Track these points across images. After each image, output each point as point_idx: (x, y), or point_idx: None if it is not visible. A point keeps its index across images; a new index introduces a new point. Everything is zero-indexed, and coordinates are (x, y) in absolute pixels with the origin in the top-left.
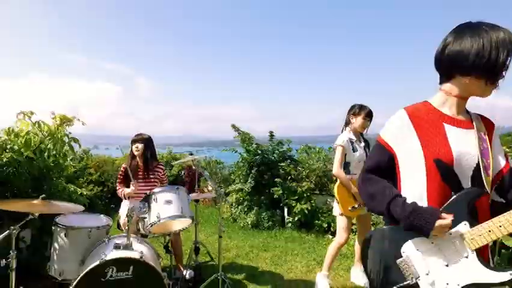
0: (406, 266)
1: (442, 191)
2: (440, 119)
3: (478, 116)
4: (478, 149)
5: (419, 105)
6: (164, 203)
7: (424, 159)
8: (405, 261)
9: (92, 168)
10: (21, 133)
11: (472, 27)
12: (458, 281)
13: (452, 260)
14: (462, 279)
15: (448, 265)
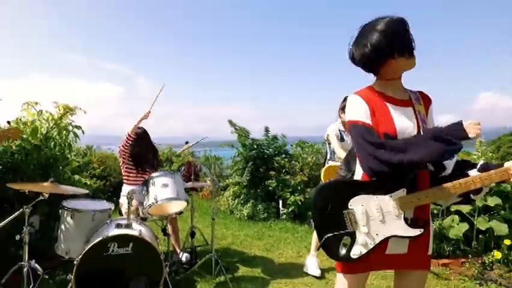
0: (351, 216)
1: None
2: (383, 100)
3: (417, 93)
4: (416, 125)
5: (366, 90)
6: (161, 187)
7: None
8: (351, 213)
9: (95, 163)
10: (28, 122)
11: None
12: (385, 233)
13: (386, 217)
14: (388, 232)
15: (382, 220)
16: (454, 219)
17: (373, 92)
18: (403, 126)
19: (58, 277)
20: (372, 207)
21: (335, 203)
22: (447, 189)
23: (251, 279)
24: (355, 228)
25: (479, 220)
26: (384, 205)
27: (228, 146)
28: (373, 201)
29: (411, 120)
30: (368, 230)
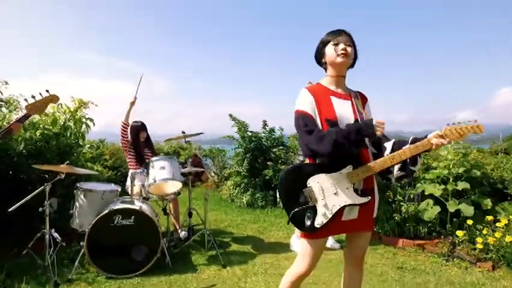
0: (310, 193)
1: None
2: (327, 93)
3: (357, 93)
4: (354, 114)
5: (314, 86)
6: (159, 169)
7: (320, 119)
8: (310, 190)
9: (107, 155)
10: (49, 114)
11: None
12: (340, 203)
13: (339, 190)
14: (342, 202)
15: (336, 193)
16: (428, 203)
17: (320, 87)
18: (342, 114)
19: (74, 247)
20: (326, 183)
21: (296, 183)
22: (384, 160)
23: (240, 253)
24: (315, 203)
25: (450, 203)
26: (337, 180)
27: (230, 138)
28: (327, 179)
29: (349, 110)
30: (325, 202)
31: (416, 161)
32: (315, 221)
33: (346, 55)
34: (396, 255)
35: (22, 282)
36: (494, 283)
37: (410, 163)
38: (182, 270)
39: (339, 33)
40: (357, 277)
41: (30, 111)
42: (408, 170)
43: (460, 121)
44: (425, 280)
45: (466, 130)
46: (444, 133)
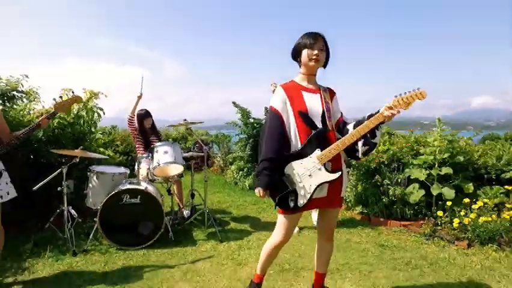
0: (289, 179)
1: (305, 130)
2: (299, 89)
3: (326, 88)
4: (322, 105)
5: (289, 83)
6: (163, 153)
7: (293, 112)
8: (287, 176)
9: (118, 140)
10: None
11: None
12: (316, 183)
13: (312, 172)
14: (317, 181)
15: (310, 175)
16: (414, 187)
17: (293, 84)
18: (311, 105)
19: (88, 223)
20: (300, 168)
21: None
22: (346, 139)
23: (237, 231)
24: (295, 187)
25: (433, 187)
26: (308, 164)
27: (233, 124)
28: (300, 164)
29: (318, 102)
30: (303, 185)
31: (375, 134)
32: (298, 202)
33: (318, 60)
34: (381, 234)
35: (46, 251)
36: (464, 258)
37: (370, 137)
38: (183, 244)
39: (315, 38)
40: (328, 248)
41: (57, 110)
42: (370, 143)
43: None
44: (401, 256)
45: (411, 98)
46: (393, 104)
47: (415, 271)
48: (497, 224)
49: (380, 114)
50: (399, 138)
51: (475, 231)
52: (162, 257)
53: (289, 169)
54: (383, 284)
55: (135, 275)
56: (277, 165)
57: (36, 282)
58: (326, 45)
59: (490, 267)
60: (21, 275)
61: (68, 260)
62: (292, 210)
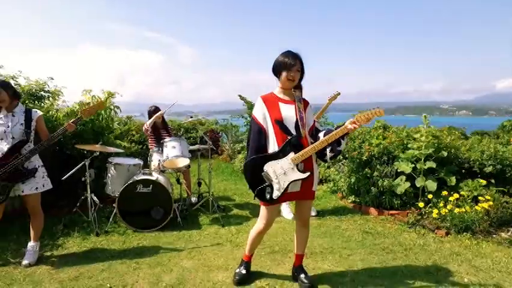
0: (266, 175)
1: (281, 135)
2: (277, 100)
3: (301, 98)
4: (296, 114)
5: (268, 95)
6: (171, 148)
7: (271, 120)
8: (266, 174)
9: (133, 130)
10: (86, 103)
11: (284, 53)
12: (289, 179)
13: (287, 170)
14: (290, 179)
15: (284, 173)
16: (401, 179)
17: (272, 95)
18: (286, 114)
19: (108, 208)
20: (277, 167)
21: (256, 169)
22: (316, 145)
23: (238, 216)
24: (271, 182)
25: (418, 180)
26: (284, 164)
27: (239, 116)
28: (277, 164)
29: (292, 112)
30: (278, 181)
31: (340, 143)
32: (273, 195)
33: (293, 81)
34: (368, 222)
35: (75, 231)
36: (438, 245)
37: (337, 145)
38: (190, 227)
39: (294, 59)
40: (304, 233)
41: (83, 115)
42: (336, 150)
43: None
44: (381, 242)
45: (371, 115)
46: (356, 119)
47: (389, 255)
48: (471, 214)
49: (345, 127)
50: (391, 132)
51: (452, 221)
52: (171, 239)
53: (268, 167)
54: (358, 265)
55: (148, 253)
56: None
57: (68, 257)
58: (302, 66)
59: (457, 252)
60: (56, 251)
61: (92, 239)
62: (269, 203)
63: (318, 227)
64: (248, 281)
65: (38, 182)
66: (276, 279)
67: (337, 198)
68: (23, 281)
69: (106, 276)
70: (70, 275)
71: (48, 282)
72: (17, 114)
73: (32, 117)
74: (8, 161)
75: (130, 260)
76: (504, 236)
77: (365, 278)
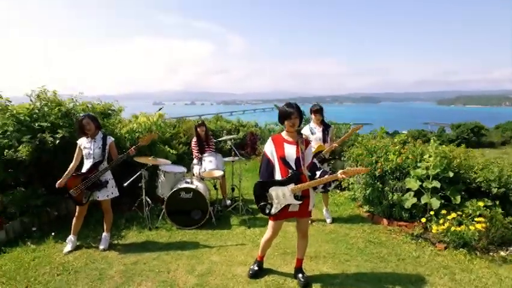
0: (270, 196)
1: (284, 169)
2: (282, 141)
3: (302, 139)
4: (296, 153)
5: (277, 135)
6: (208, 162)
7: (276, 156)
8: (270, 194)
9: (181, 133)
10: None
11: (285, 105)
12: (286, 202)
13: (286, 195)
14: (287, 202)
15: (284, 197)
16: (410, 194)
17: (279, 136)
18: (289, 153)
19: (158, 208)
20: (279, 191)
21: (263, 190)
22: (311, 183)
23: (263, 219)
24: (272, 201)
25: (423, 197)
26: (285, 191)
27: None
28: (280, 189)
29: (294, 150)
30: (278, 201)
31: (331, 184)
32: (272, 211)
33: (294, 127)
34: (375, 231)
35: (133, 226)
36: (432, 257)
37: (328, 185)
38: (222, 227)
39: (292, 110)
40: (303, 242)
41: (141, 143)
42: (326, 188)
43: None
44: (379, 251)
45: (357, 171)
46: (346, 171)
47: (382, 264)
48: (468, 232)
49: (336, 175)
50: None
51: (451, 237)
52: (206, 236)
53: (272, 190)
54: (351, 270)
55: (187, 247)
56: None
57: (129, 246)
58: (300, 114)
59: (446, 266)
60: (120, 240)
61: (146, 233)
62: (272, 217)
63: (329, 233)
64: (259, 275)
65: (109, 191)
66: (282, 276)
67: (355, 206)
68: (100, 260)
69: (156, 264)
70: (131, 260)
71: (117, 264)
72: (97, 140)
73: (106, 143)
74: (90, 175)
75: (174, 252)
76: (502, 254)
77: (352, 281)
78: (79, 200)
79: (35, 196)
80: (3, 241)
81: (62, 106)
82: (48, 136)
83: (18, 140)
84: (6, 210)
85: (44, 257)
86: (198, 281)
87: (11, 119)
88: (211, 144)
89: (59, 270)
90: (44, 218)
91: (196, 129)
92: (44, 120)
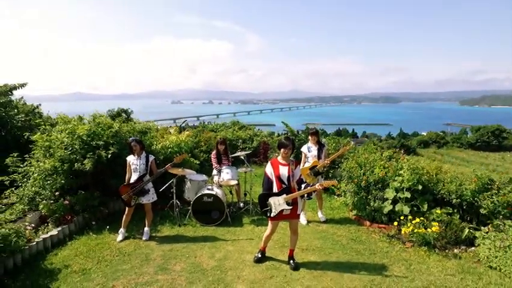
0: (269, 204)
1: (279, 184)
2: (278, 164)
3: (294, 161)
4: (288, 172)
5: (274, 160)
6: (226, 173)
7: (274, 175)
8: (269, 202)
9: (202, 142)
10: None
11: (283, 137)
12: (280, 208)
13: (280, 203)
14: (281, 208)
15: (279, 204)
16: (388, 202)
17: (276, 160)
18: (282, 173)
19: (185, 208)
20: (275, 200)
21: (265, 199)
22: (299, 193)
23: None
24: (271, 207)
25: (397, 205)
26: (279, 200)
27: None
28: (276, 199)
29: (286, 171)
30: (275, 208)
31: (311, 194)
32: (271, 214)
33: (287, 155)
34: (358, 232)
35: (166, 222)
36: (398, 253)
37: (311, 194)
38: (236, 225)
39: (287, 142)
40: (294, 237)
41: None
42: (308, 196)
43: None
44: (357, 247)
45: (330, 183)
46: (322, 183)
47: (357, 256)
48: (427, 234)
49: (314, 187)
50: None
51: (415, 237)
52: (223, 232)
53: (271, 200)
54: (332, 259)
55: (208, 240)
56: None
57: (164, 238)
58: (293, 147)
59: (407, 259)
60: (157, 233)
61: (176, 228)
62: (270, 219)
63: (320, 232)
64: (262, 261)
65: (150, 196)
66: (278, 262)
67: (346, 210)
68: (145, 247)
69: (185, 251)
70: (167, 248)
71: (157, 250)
72: (142, 158)
73: (148, 160)
74: (137, 185)
75: (198, 243)
76: (455, 251)
77: (331, 267)
78: (129, 203)
79: (92, 198)
80: (73, 231)
81: (113, 128)
82: (103, 152)
83: (83, 156)
84: (73, 208)
85: (104, 243)
86: (217, 264)
87: (78, 140)
88: (229, 158)
89: (116, 253)
90: (99, 215)
91: (217, 145)
92: (99, 139)
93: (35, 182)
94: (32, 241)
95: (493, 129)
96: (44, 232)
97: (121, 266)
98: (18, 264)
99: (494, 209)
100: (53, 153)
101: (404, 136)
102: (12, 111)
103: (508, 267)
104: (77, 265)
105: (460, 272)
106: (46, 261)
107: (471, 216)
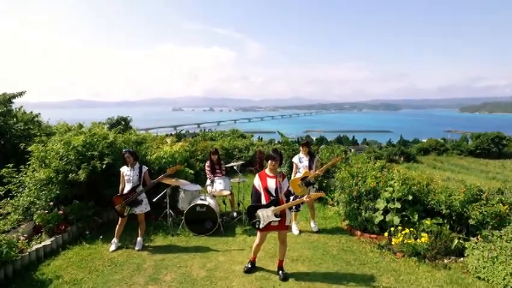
0: (258, 215)
1: (267, 196)
2: (265, 176)
3: (281, 174)
4: (275, 184)
5: (262, 172)
6: (219, 183)
7: (262, 187)
8: (258, 214)
9: (199, 151)
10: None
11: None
12: (269, 220)
13: (268, 215)
14: (269, 219)
15: (268, 216)
16: (379, 213)
17: (264, 173)
18: (270, 185)
19: (179, 218)
20: (264, 212)
21: (253, 211)
22: (286, 206)
23: None
24: (259, 219)
25: (388, 215)
26: (268, 211)
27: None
28: (265, 211)
29: (273, 183)
30: (264, 219)
31: (300, 206)
32: (260, 225)
33: (274, 167)
34: (350, 241)
35: (159, 232)
36: (388, 263)
37: (299, 206)
38: (228, 235)
39: (275, 154)
40: (283, 247)
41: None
42: (297, 208)
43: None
44: (348, 257)
45: (318, 195)
46: (310, 195)
47: (346, 266)
48: (417, 244)
49: (302, 199)
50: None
51: (406, 248)
52: (215, 242)
53: (259, 211)
54: (321, 270)
55: (200, 250)
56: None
57: (156, 248)
58: (281, 160)
59: (396, 270)
60: (150, 243)
61: (169, 238)
62: (259, 230)
63: (312, 242)
64: (252, 271)
65: (143, 207)
66: (268, 272)
67: (339, 220)
68: (137, 257)
69: (177, 261)
70: (159, 258)
71: (149, 260)
72: (135, 169)
73: (142, 171)
74: (130, 195)
75: (190, 253)
76: (445, 261)
77: (319, 278)
78: (122, 213)
79: (86, 208)
80: (66, 240)
81: (108, 138)
82: (98, 163)
83: (78, 166)
84: (67, 218)
85: (96, 253)
86: (207, 274)
87: (73, 150)
88: (222, 168)
89: (108, 262)
90: (93, 225)
91: (210, 155)
92: (94, 150)
93: (30, 192)
94: (24, 251)
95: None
96: (37, 242)
97: (112, 276)
98: (9, 275)
99: (483, 220)
100: (49, 163)
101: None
102: (11, 120)
103: (495, 278)
104: (68, 275)
105: (448, 283)
106: (38, 272)
107: (461, 227)
